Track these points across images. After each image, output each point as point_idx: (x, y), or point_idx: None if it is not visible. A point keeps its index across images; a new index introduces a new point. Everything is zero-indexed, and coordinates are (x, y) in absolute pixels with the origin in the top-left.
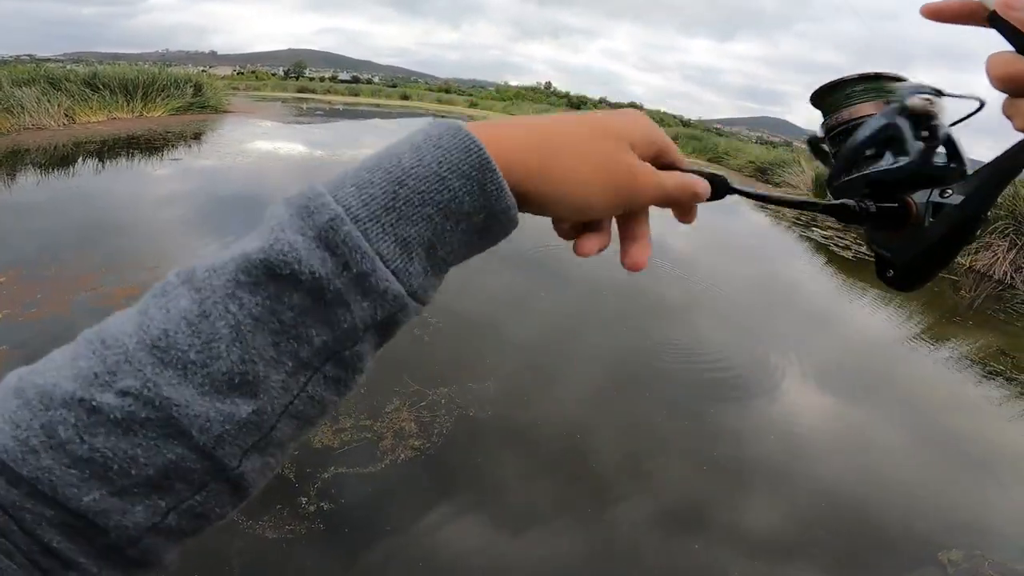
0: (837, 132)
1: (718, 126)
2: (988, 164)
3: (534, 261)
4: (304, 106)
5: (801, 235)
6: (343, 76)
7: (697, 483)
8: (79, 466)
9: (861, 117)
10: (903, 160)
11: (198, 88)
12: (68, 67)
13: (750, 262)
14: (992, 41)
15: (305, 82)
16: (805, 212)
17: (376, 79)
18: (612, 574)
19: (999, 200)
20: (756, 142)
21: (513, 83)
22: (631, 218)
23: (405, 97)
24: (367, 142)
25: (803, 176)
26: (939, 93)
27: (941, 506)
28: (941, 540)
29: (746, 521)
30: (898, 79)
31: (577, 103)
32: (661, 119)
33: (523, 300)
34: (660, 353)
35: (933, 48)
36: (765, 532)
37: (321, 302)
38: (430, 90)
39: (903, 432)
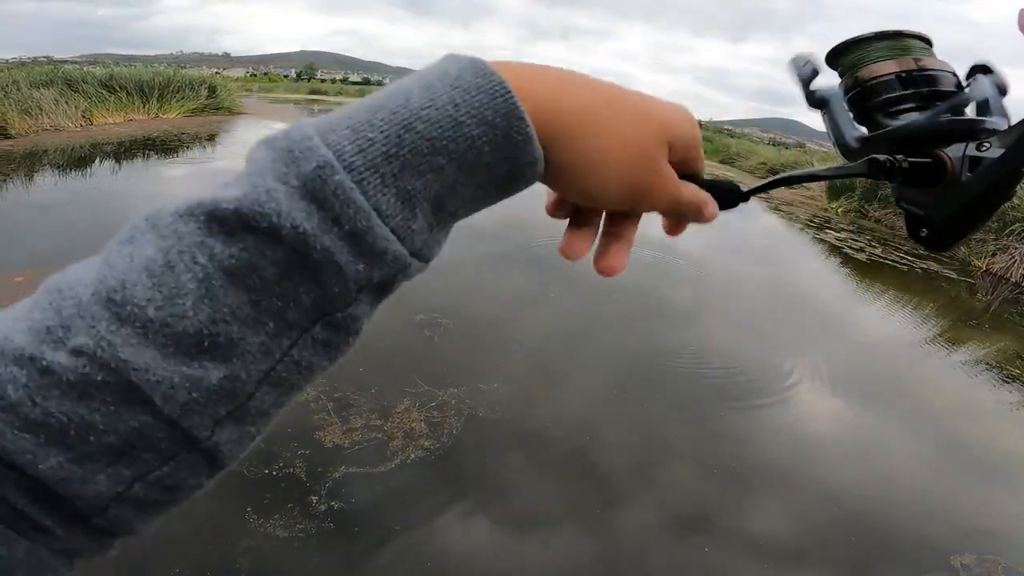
0: (855, 92)
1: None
2: None
3: (542, 260)
4: (315, 108)
5: (815, 237)
6: (353, 78)
7: (707, 486)
8: (32, 430)
9: (879, 76)
10: (928, 113)
11: (212, 90)
12: (85, 69)
13: (763, 264)
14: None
15: (317, 84)
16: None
17: (386, 81)
18: (621, 575)
19: (1017, 203)
20: (768, 143)
21: None
22: (627, 217)
23: None
24: None
25: None
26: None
27: (954, 510)
28: (953, 544)
29: (756, 525)
30: (919, 36)
31: None
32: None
33: (532, 301)
34: (671, 355)
35: (948, 50)
36: (776, 536)
37: (309, 259)
38: None
39: (916, 436)
